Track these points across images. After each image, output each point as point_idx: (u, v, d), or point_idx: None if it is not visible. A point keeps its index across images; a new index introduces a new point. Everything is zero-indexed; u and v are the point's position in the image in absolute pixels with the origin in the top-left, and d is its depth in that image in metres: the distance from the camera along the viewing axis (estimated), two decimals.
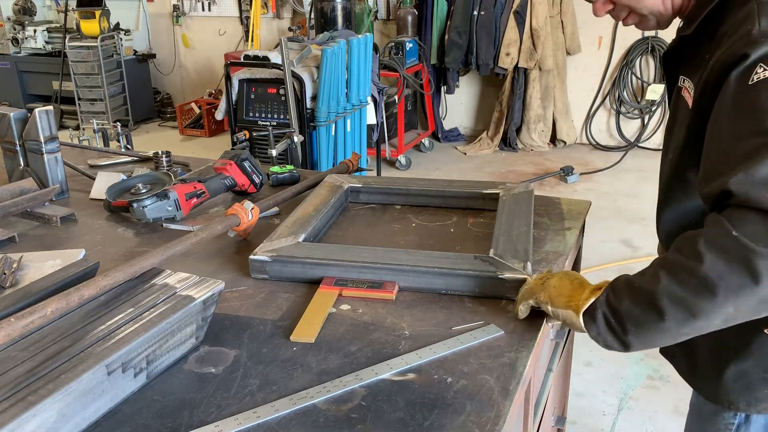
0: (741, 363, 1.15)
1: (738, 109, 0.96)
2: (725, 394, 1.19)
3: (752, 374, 1.15)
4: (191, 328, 1.02)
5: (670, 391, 2.64)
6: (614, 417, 2.50)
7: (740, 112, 0.95)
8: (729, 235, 0.88)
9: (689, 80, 1.14)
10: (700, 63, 1.09)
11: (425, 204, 1.61)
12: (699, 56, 1.10)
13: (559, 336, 1.40)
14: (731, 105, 0.97)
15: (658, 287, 0.95)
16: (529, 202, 1.48)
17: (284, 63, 3.52)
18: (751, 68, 0.95)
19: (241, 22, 6.96)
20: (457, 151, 5.95)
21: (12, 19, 7.00)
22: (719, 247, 0.88)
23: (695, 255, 0.90)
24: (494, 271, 1.17)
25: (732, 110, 0.96)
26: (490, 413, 0.89)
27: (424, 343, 1.05)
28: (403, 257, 1.24)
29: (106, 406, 0.89)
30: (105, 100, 6.54)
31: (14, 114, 1.69)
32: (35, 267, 1.29)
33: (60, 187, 1.73)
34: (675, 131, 1.19)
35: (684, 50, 1.18)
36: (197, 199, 1.58)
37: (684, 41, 1.17)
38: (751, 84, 0.95)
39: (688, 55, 1.17)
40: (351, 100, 4.24)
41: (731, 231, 0.88)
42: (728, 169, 0.91)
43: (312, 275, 1.24)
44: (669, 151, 1.21)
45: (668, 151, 1.22)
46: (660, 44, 5.54)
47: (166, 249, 1.16)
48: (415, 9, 5.86)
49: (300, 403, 0.91)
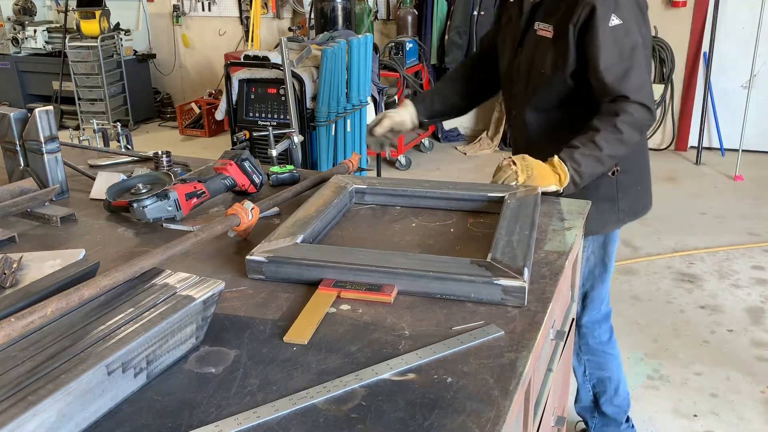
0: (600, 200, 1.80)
1: (608, 44, 1.63)
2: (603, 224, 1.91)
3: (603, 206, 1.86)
4: (191, 328, 1.02)
5: (670, 391, 2.64)
6: None
7: (610, 46, 1.63)
8: (632, 117, 1.64)
9: (545, 23, 1.74)
10: (556, 12, 1.71)
11: (432, 206, 1.61)
12: (555, 8, 1.71)
13: (559, 336, 1.40)
14: (602, 41, 1.63)
15: (602, 152, 1.64)
16: (534, 206, 1.46)
17: (284, 63, 3.52)
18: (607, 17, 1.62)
19: (241, 22, 6.97)
20: (457, 151, 5.95)
21: (12, 19, 7.01)
22: (628, 124, 1.64)
23: (618, 130, 1.63)
24: (490, 277, 1.16)
25: (606, 45, 1.63)
26: (490, 413, 0.89)
27: (424, 343, 1.05)
28: (399, 260, 1.23)
29: (106, 406, 0.89)
30: (105, 100, 6.54)
31: (14, 114, 1.69)
32: (35, 267, 1.30)
33: (60, 187, 1.73)
34: (536, 58, 1.77)
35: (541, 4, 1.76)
36: (197, 199, 1.58)
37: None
38: (610, 27, 1.63)
39: (546, 8, 1.74)
40: (351, 101, 4.24)
41: (633, 114, 1.64)
42: (620, 81, 1.64)
43: (308, 277, 1.24)
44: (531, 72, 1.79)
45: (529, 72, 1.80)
46: (660, 44, 5.54)
47: (166, 249, 1.16)
48: (415, 9, 5.87)
49: (300, 403, 0.91)
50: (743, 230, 4.15)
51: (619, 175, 1.86)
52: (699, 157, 5.49)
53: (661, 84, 5.64)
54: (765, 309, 3.23)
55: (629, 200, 1.91)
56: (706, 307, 3.26)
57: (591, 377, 2.16)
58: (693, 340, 2.98)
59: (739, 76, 5.49)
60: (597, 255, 1.99)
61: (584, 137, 1.65)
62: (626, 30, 1.64)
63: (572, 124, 1.73)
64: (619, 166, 1.84)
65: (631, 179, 1.90)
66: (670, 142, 5.82)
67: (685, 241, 4.01)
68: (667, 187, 4.96)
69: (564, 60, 1.70)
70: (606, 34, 1.63)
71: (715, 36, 5.37)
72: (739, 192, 4.83)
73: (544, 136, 1.85)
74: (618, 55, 1.64)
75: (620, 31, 1.63)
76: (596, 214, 1.77)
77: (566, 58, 1.70)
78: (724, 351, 2.90)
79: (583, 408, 2.26)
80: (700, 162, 5.46)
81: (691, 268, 3.66)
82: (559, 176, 1.61)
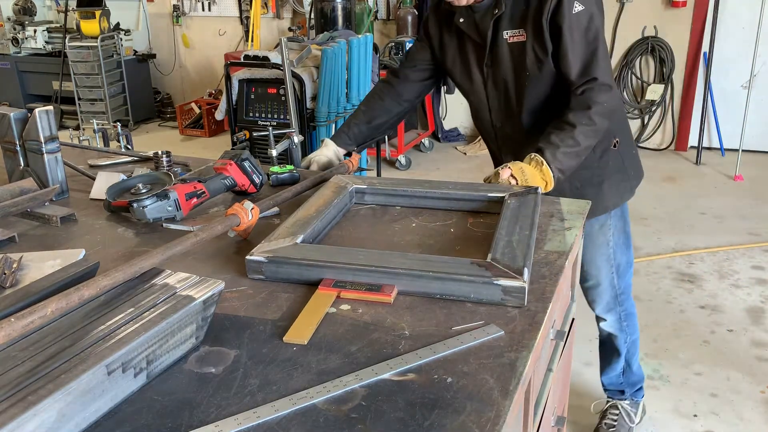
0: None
1: (574, 30, 1.71)
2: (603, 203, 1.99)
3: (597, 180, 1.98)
4: (191, 328, 1.02)
5: (670, 391, 2.64)
6: None
7: (576, 32, 1.72)
8: (603, 106, 1.72)
9: (514, 30, 1.79)
10: (522, 14, 1.76)
11: (432, 206, 1.61)
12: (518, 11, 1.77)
13: (559, 336, 1.40)
14: (568, 28, 1.71)
15: (580, 146, 1.71)
16: (534, 206, 1.46)
17: (284, 63, 3.52)
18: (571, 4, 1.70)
19: (241, 22, 6.97)
20: (457, 151, 5.95)
21: (12, 19, 7.01)
22: (600, 114, 1.72)
23: (592, 121, 1.71)
24: (490, 277, 1.16)
25: (572, 31, 1.72)
26: (490, 413, 0.89)
27: (424, 343, 1.05)
28: (399, 260, 1.23)
29: (106, 406, 0.89)
30: (105, 100, 6.54)
31: (14, 114, 1.69)
32: (35, 267, 1.30)
33: (60, 187, 1.73)
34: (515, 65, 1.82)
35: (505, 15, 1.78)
36: (197, 199, 1.58)
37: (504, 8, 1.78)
38: (575, 14, 1.71)
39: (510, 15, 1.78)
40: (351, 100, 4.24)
41: (604, 104, 1.72)
42: (589, 65, 1.73)
43: (308, 277, 1.24)
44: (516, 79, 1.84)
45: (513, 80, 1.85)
46: (660, 44, 5.55)
47: (166, 249, 1.16)
48: (415, 9, 5.87)
49: (300, 403, 0.91)
50: (743, 230, 4.15)
51: (619, 146, 1.97)
52: (699, 157, 5.49)
53: (661, 84, 5.64)
54: (765, 309, 3.23)
55: (633, 164, 2.05)
56: (706, 307, 3.26)
57: (628, 342, 2.28)
58: (693, 340, 2.98)
59: (739, 76, 5.49)
60: (618, 227, 2.10)
61: (562, 134, 1.71)
62: (589, 15, 1.73)
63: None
64: (617, 137, 1.96)
65: (627, 145, 2.02)
66: (670, 142, 5.82)
67: (685, 241, 4.01)
68: (667, 187, 4.97)
69: (545, 52, 1.77)
70: (572, 20, 1.71)
71: (715, 36, 5.38)
72: (739, 192, 4.83)
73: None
74: (584, 39, 1.73)
75: (584, 17, 1.72)
76: (613, 189, 1.98)
77: (546, 50, 1.77)
78: (724, 351, 2.90)
79: (613, 379, 2.37)
80: (700, 162, 5.46)
81: (691, 268, 3.66)
82: (546, 182, 1.67)
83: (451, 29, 1.92)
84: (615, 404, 2.42)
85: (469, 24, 1.84)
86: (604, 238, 2.08)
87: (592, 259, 2.10)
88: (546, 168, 1.66)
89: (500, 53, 1.83)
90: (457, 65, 1.95)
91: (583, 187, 1.94)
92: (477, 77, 1.91)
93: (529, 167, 1.67)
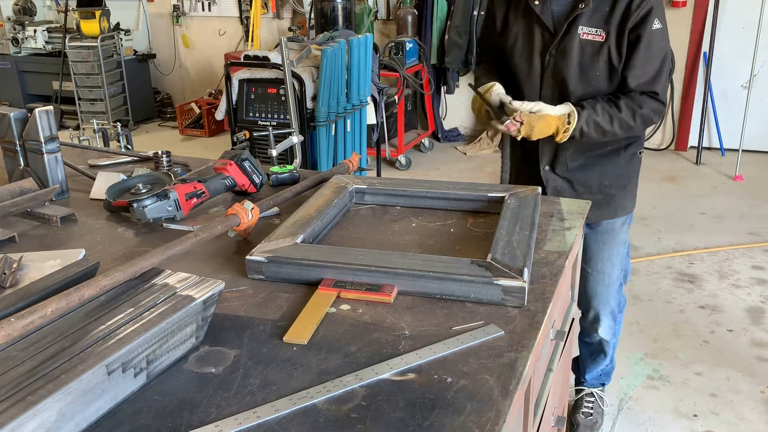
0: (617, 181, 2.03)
1: (651, 45, 1.79)
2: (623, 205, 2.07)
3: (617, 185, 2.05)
4: (191, 328, 1.02)
5: (670, 391, 2.64)
6: (614, 417, 2.50)
7: (653, 47, 1.79)
8: (649, 114, 1.84)
9: (593, 28, 1.81)
10: (606, 16, 1.80)
11: (432, 206, 1.61)
12: (601, 11, 1.80)
13: (559, 336, 1.40)
14: (647, 42, 1.78)
15: (611, 128, 1.81)
16: (534, 206, 1.46)
17: (284, 63, 3.52)
18: (654, 20, 1.77)
19: (241, 22, 6.96)
20: (457, 151, 5.95)
21: (12, 19, 7.01)
22: (643, 119, 1.84)
23: (634, 119, 1.82)
24: (490, 277, 1.16)
25: (650, 46, 1.79)
26: (490, 413, 0.89)
27: (424, 343, 1.05)
28: (399, 260, 1.23)
29: (106, 406, 0.89)
30: (105, 100, 6.54)
31: (14, 114, 1.69)
32: (35, 267, 1.30)
33: (60, 187, 1.73)
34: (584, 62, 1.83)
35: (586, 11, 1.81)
36: (197, 199, 1.58)
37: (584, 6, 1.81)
38: (655, 29, 1.78)
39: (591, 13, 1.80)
40: (351, 100, 4.23)
41: (651, 114, 1.84)
42: (653, 80, 1.83)
43: (308, 277, 1.24)
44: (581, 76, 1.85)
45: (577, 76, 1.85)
46: None
47: (166, 249, 1.16)
48: (415, 9, 5.86)
49: (300, 403, 0.91)
50: (743, 230, 4.15)
51: (641, 156, 2.07)
52: (699, 157, 5.49)
53: None
54: (765, 309, 3.23)
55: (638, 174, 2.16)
56: (706, 307, 3.26)
57: (613, 343, 2.35)
58: (693, 340, 2.98)
59: (739, 76, 5.49)
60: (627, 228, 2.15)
61: (607, 109, 1.80)
62: (663, 34, 1.81)
63: None
64: (642, 149, 2.05)
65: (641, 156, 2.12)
66: (670, 142, 5.82)
67: (685, 241, 4.01)
68: (667, 187, 4.96)
69: (619, 58, 1.82)
70: (651, 35, 1.78)
71: (715, 36, 5.37)
72: (739, 192, 4.83)
73: None
74: (657, 56, 1.81)
75: (660, 35, 1.80)
76: (631, 192, 2.08)
77: (621, 56, 1.81)
78: (724, 351, 2.90)
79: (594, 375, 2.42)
80: (700, 162, 5.46)
81: (691, 268, 3.66)
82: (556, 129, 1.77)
83: (518, 8, 1.90)
84: (591, 392, 2.45)
85: (544, 9, 1.84)
86: (623, 237, 2.13)
87: (609, 256, 2.13)
88: (567, 125, 1.76)
89: (569, 46, 1.83)
90: (518, 46, 1.92)
91: (611, 186, 2.01)
92: (537, 63, 1.89)
93: (540, 124, 1.75)
